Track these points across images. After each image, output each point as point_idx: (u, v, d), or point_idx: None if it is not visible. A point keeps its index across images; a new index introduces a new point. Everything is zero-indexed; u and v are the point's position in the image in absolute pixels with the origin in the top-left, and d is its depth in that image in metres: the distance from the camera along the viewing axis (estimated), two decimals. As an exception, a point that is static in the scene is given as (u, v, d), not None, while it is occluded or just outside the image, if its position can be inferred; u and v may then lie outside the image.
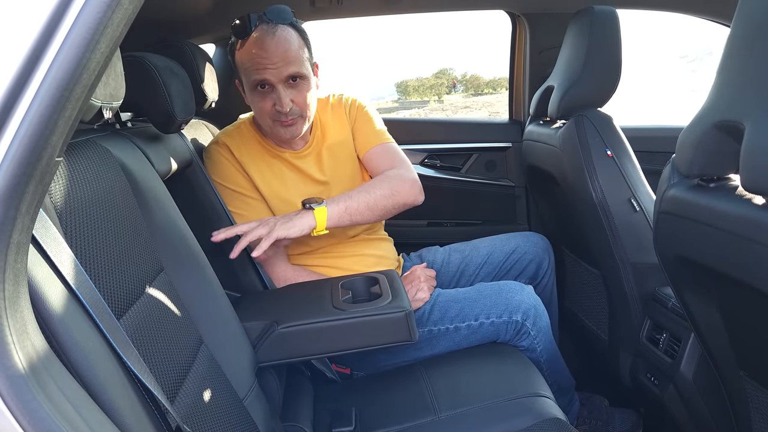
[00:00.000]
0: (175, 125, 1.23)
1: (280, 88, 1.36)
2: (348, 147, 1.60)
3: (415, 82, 48.87)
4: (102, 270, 0.80)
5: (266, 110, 1.40)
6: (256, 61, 1.34)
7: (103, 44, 0.57)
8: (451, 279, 1.75)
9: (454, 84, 44.34)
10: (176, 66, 1.30)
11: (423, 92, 45.28)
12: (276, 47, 1.34)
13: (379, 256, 1.61)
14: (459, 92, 42.49)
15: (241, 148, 1.48)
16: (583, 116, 1.55)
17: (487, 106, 28.40)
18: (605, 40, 1.56)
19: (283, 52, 1.34)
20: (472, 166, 2.27)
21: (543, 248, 1.77)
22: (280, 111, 1.38)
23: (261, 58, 1.33)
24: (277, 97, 1.37)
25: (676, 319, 1.37)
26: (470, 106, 30.11)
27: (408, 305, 1.22)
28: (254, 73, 1.36)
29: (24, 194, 0.54)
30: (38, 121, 0.54)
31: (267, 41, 1.34)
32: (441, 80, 46.86)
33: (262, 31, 1.35)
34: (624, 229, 1.49)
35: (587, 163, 1.51)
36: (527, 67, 2.16)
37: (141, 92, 1.16)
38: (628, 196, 1.49)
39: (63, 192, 0.77)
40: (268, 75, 1.35)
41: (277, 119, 1.41)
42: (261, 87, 1.38)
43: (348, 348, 1.24)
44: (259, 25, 1.35)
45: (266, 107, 1.39)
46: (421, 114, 30.07)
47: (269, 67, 1.34)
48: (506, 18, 2.20)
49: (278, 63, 1.34)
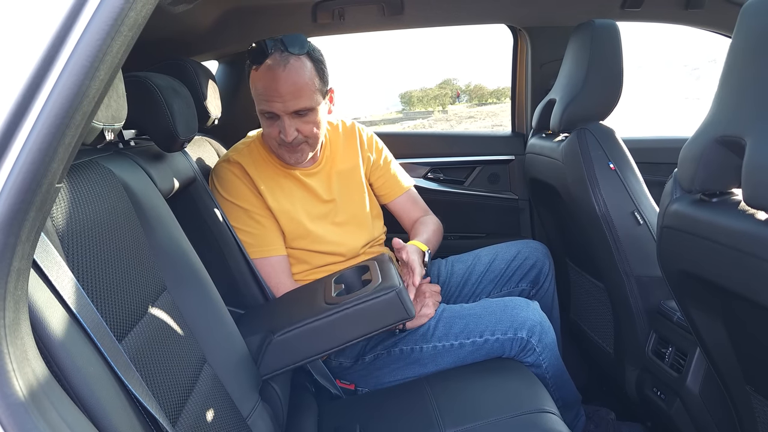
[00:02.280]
0: (178, 144, 1.23)
1: (285, 119, 1.39)
2: (357, 174, 1.65)
3: (419, 93, 49.37)
4: (104, 292, 0.80)
5: (273, 136, 1.44)
6: (266, 92, 1.37)
7: (102, 71, 0.57)
8: (455, 289, 1.75)
9: (458, 94, 44.69)
10: (179, 85, 1.30)
11: (427, 102, 45.41)
12: (286, 81, 1.36)
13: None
14: (463, 102, 42.41)
15: (252, 167, 1.50)
16: (585, 129, 1.55)
17: (491, 116, 28.55)
18: (606, 53, 1.56)
19: (292, 86, 1.36)
20: (475, 179, 2.27)
21: (543, 253, 1.77)
22: (284, 140, 1.42)
23: (270, 90, 1.36)
24: (282, 126, 1.40)
25: (681, 332, 1.36)
26: (474, 116, 30.27)
27: (398, 283, 1.20)
28: (263, 103, 1.39)
29: (24, 221, 0.55)
30: (38, 149, 0.54)
31: (278, 73, 1.35)
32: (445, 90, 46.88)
33: (275, 61, 1.36)
34: (628, 243, 1.49)
35: (590, 176, 1.51)
36: (529, 80, 2.17)
37: (143, 112, 1.17)
38: (631, 210, 1.48)
39: (65, 214, 0.78)
40: (275, 108, 1.38)
41: (283, 144, 1.45)
42: (268, 114, 1.41)
43: (348, 340, 1.22)
44: (274, 52, 1.36)
45: (273, 133, 1.43)
46: (425, 124, 30.03)
47: (277, 100, 1.37)
48: (508, 31, 2.21)
49: (286, 97, 1.36)
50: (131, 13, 0.58)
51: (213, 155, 1.68)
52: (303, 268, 1.54)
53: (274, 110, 1.38)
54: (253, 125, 2.13)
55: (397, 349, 1.45)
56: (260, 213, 1.48)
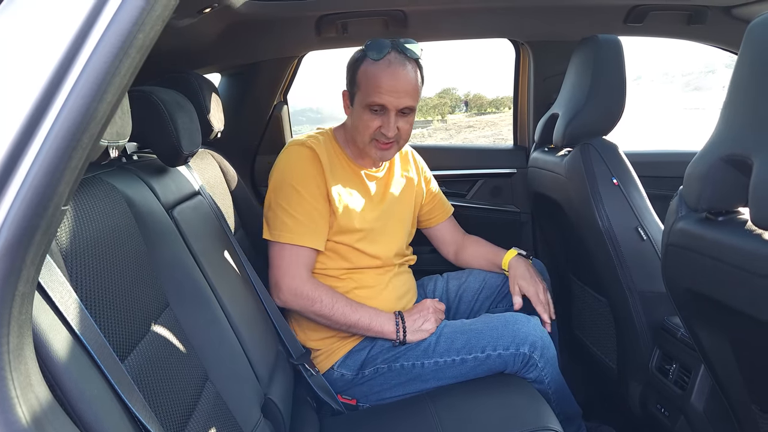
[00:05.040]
0: (181, 159, 1.23)
1: (392, 114, 1.45)
2: (410, 190, 1.73)
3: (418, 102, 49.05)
4: (107, 311, 0.80)
5: (371, 128, 1.47)
6: (382, 85, 1.42)
7: (110, 94, 0.57)
8: (450, 305, 1.75)
9: (466, 102, 44.87)
10: (183, 99, 1.30)
11: (426, 112, 45.41)
12: (404, 79, 1.43)
13: (401, 294, 1.62)
14: (462, 112, 42.68)
15: (326, 156, 1.51)
16: (588, 144, 1.55)
17: (490, 125, 28.50)
18: (609, 68, 1.56)
19: (407, 85, 1.44)
20: (477, 192, 2.26)
21: (538, 269, 1.76)
22: (385, 134, 1.46)
23: (387, 84, 1.41)
24: (386, 121, 1.45)
25: (685, 349, 1.35)
26: (473, 125, 30.21)
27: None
28: (375, 95, 1.42)
29: (30, 245, 0.54)
30: (45, 172, 0.54)
31: (398, 70, 1.43)
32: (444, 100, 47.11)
33: (396, 60, 1.44)
34: (631, 258, 1.48)
35: (593, 191, 1.50)
36: (531, 93, 2.17)
37: (148, 126, 1.17)
38: (635, 225, 1.48)
39: (69, 234, 0.77)
40: (387, 101, 1.43)
41: (377, 139, 1.48)
42: (374, 108, 1.44)
43: None
44: (392, 52, 1.44)
45: (372, 126, 1.46)
46: (424, 133, 30.08)
47: (392, 94, 1.42)
48: (509, 44, 2.21)
49: (400, 93, 1.43)
50: (140, 35, 0.58)
51: (215, 168, 1.68)
52: (340, 264, 1.54)
53: (385, 103, 1.42)
54: (255, 138, 2.15)
55: (398, 364, 1.45)
56: (316, 202, 1.48)
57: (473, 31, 2.03)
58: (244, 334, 1.26)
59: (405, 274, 1.68)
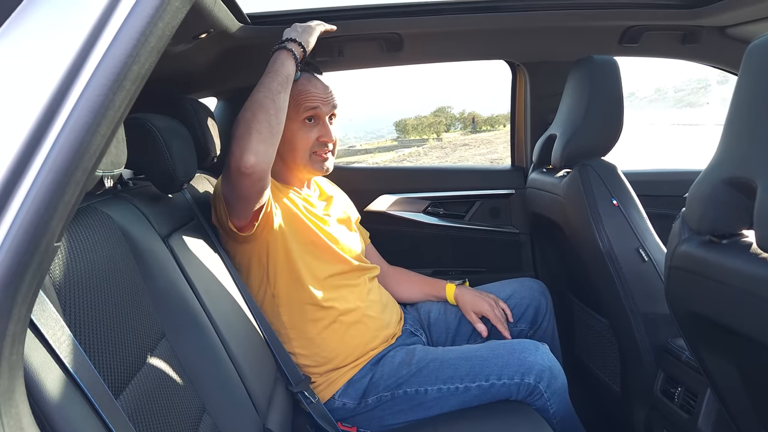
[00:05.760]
0: (177, 186, 1.22)
1: (326, 120, 1.54)
2: (341, 201, 1.78)
3: (413, 121, 49.82)
4: (102, 345, 0.78)
5: (310, 140, 1.52)
6: (311, 94, 1.52)
7: (104, 126, 0.56)
8: (449, 331, 1.73)
9: (474, 120, 45.50)
10: (178, 125, 1.29)
11: (422, 130, 45.82)
12: (324, 86, 1.56)
13: (384, 303, 1.63)
14: (458, 130, 42.88)
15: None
16: (587, 165, 1.54)
17: (485, 143, 28.81)
18: (606, 89, 1.56)
19: (329, 90, 1.56)
20: (475, 214, 2.25)
21: (539, 292, 1.77)
22: (326, 141, 1.53)
23: (314, 92, 1.52)
24: (324, 129, 1.53)
25: (691, 372, 1.33)
26: (469, 143, 30.55)
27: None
28: (307, 103, 1.51)
29: (21, 283, 0.52)
30: (36, 209, 0.52)
31: (317, 81, 1.55)
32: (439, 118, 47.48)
33: (309, 75, 1.55)
34: (633, 280, 1.47)
35: (593, 212, 1.49)
36: (528, 114, 2.17)
37: (143, 154, 1.15)
38: (636, 246, 1.47)
39: (62, 267, 0.75)
40: (320, 104, 1.52)
41: (317, 150, 1.54)
42: (309, 120, 1.52)
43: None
44: (303, 72, 1.54)
45: (311, 137, 1.53)
46: (420, 152, 30.13)
47: (321, 99, 1.52)
48: (505, 65, 2.22)
49: (328, 97, 1.54)
50: (135, 67, 0.57)
51: (211, 192, 1.66)
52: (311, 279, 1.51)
53: (319, 105, 1.51)
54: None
55: (401, 391, 1.42)
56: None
57: (469, 53, 2.03)
58: (242, 363, 1.23)
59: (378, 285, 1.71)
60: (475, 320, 1.68)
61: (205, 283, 1.26)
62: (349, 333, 1.51)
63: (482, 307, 1.68)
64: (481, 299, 1.70)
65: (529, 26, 1.85)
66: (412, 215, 2.23)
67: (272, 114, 1.31)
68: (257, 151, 1.26)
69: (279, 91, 1.34)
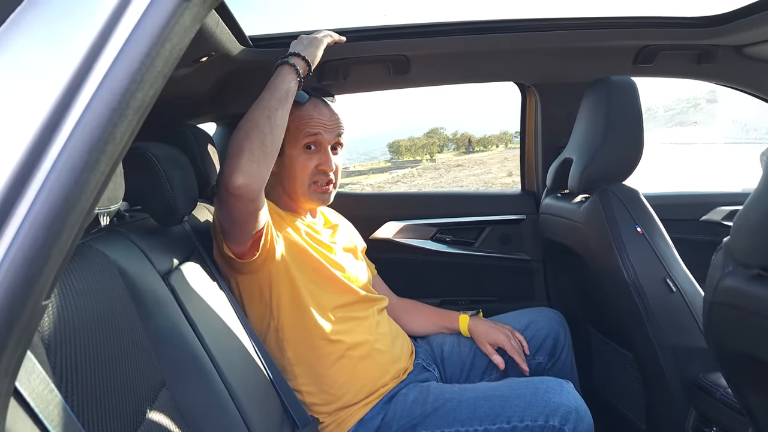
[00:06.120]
0: (177, 218, 1.14)
1: (328, 149, 1.46)
2: (347, 230, 1.72)
3: (407, 142, 50.09)
4: (96, 406, 0.69)
5: (309, 168, 1.46)
6: (314, 120, 1.45)
7: (103, 163, 0.48)
8: (464, 365, 1.64)
9: (470, 141, 46.37)
10: (178, 153, 1.22)
11: (415, 152, 46.16)
12: (331, 113, 1.49)
13: (394, 336, 1.55)
14: (451, 151, 43.49)
15: (273, 206, 1.47)
16: (607, 191, 1.48)
17: (479, 164, 28.93)
18: (625, 111, 1.50)
19: (336, 117, 1.49)
20: (485, 240, 2.18)
21: (557, 322, 1.69)
22: (325, 171, 1.45)
23: (318, 119, 1.45)
24: (324, 158, 1.46)
25: (728, 411, 1.25)
26: (462, 164, 30.69)
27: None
28: (308, 129, 1.44)
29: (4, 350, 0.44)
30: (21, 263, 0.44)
31: (324, 108, 1.48)
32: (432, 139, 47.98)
33: (319, 101, 1.49)
34: (661, 311, 1.39)
35: (616, 240, 1.42)
36: (539, 136, 2.10)
37: (141, 186, 1.08)
38: (663, 276, 1.39)
39: (53, 319, 0.67)
40: (322, 131, 1.45)
41: (316, 181, 1.47)
42: (308, 147, 1.45)
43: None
44: (312, 98, 1.48)
45: (310, 165, 1.46)
46: (414, 173, 30.24)
47: (324, 126, 1.45)
48: (508, 85, 2.16)
49: (332, 126, 1.47)
50: (138, 94, 0.49)
51: (211, 221, 1.58)
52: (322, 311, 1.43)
53: (320, 132, 1.45)
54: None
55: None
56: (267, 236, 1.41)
57: (478, 75, 1.97)
58: (247, 408, 1.14)
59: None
60: (490, 352, 1.60)
61: (208, 321, 1.17)
62: (359, 368, 1.43)
63: (498, 339, 1.60)
64: (496, 330, 1.62)
65: (540, 47, 1.80)
66: (419, 242, 2.15)
67: (266, 132, 1.23)
68: (247, 172, 1.18)
69: (276, 108, 1.26)
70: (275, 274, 1.38)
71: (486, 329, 1.63)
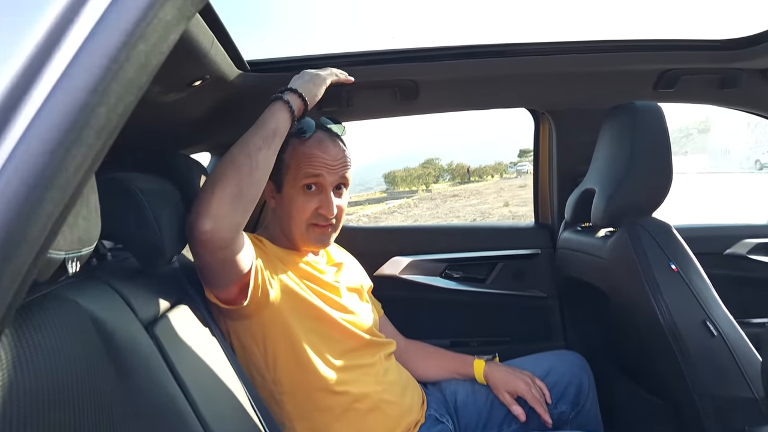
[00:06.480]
0: (165, 260, 1.01)
1: (329, 191, 1.35)
2: (353, 268, 1.61)
3: (402, 173, 50.40)
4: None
5: (307, 210, 1.34)
6: (316, 159, 1.34)
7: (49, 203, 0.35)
8: (480, 416, 1.51)
9: (468, 170, 47.44)
10: (167, 186, 1.09)
11: (411, 182, 46.61)
12: (336, 151, 1.36)
13: (403, 384, 1.43)
14: (446, 181, 43.90)
15: (270, 245, 1.36)
16: (636, 224, 1.36)
17: (475, 194, 28.98)
18: (652, 138, 1.40)
19: (340, 156, 1.37)
20: (497, 276, 2.05)
21: (580, 367, 1.57)
22: (325, 215, 1.34)
23: (321, 157, 1.34)
24: (324, 200, 1.34)
25: None
26: (458, 194, 30.78)
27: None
28: (309, 169, 1.33)
29: None
30: None
31: (329, 145, 1.36)
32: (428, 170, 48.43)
33: (324, 136, 1.37)
34: (700, 357, 1.26)
35: (648, 279, 1.30)
36: (554, 166, 1.99)
37: (124, 223, 0.95)
38: (702, 318, 1.26)
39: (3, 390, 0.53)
40: (323, 173, 1.34)
41: (315, 222, 1.35)
42: (308, 188, 1.34)
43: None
44: (318, 130, 1.38)
45: (309, 208, 1.35)
46: (410, 203, 30.28)
47: (327, 167, 1.34)
48: (504, 114, 2.07)
49: (336, 166, 1.35)
50: (101, 110, 0.37)
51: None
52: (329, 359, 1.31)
53: (322, 174, 1.33)
54: (251, 222, 1.94)
55: None
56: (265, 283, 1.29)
57: (489, 101, 1.87)
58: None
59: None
60: (509, 402, 1.47)
61: (198, 377, 1.03)
62: (367, 422, 1.30)
63: (518, 387, 1.47)
64: (515, 377, 1.49)
65: (556, 71, 1.70)
66: (427, 279, 2.02)
67: (244, 173, 1.09)
68: (215, 216, 1.04)
69: (259, 147, 1.12)
70: (270, 323, 1.25)
71: (504, 376, 1.50)
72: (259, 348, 1.26)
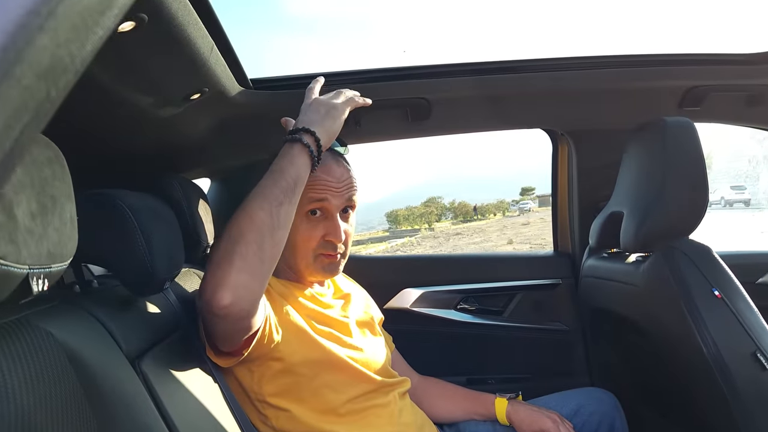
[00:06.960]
0: (156, 286, 0.90)
1: (336, 216, 1.22)
2: (362, 300, 1.48)
3: (404, 212, 50.55)
4: None
5: (314, 238, 1.22)
6: (320, 183, 1.20)
7: None
8: None
9: (475, 207, 48.23)
10: (160, 205, 0.99)
11: (413, 221, 46.76)
12: (341, 172, 1.24)
13: (419, 426, 1.30)
14: (449, 219, 44.40)
15: (272, 280, 1.22)
16: (673, 248, 1.25)
17: (478, 232, 28.92)
18: (686, 155, 1.30)
19: (346, 177, 1.24)
20: (516, 309, 1.93)
21: (611, 406, 1.45)
22: (333, 241, 1.21)
23: (325, 180, 1.21)
24: (331, 226, 1.21)
25: None
26: (461, 232, 30.73)
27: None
28: (314, 193, 1.20)
29: None
30: None
31: (333, 166, 1.23)
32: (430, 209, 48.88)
33: (327, 156, 1.23)
34: (751, 394, 1.14)
35: (689, 307, 1.18)
36: (575, 190, 1.89)
37: (109, 243, 0.84)
38: (752, 350, 1.15)
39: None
40: (329, 197, 1.21)
41: (323, 251, 1.23)
42: (313, 213, 1.21)
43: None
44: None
45: (316, 235, 1.22)
46: (413, 241, 30.32)
47: (332, 190, 1.21)
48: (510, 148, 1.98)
49: (341, 188, 1.22)
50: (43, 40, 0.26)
51: (201, 290, 1.33)
52: (326, 407, 1.18)
53: (327, 198, 1.21)
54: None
55: None
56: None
57: (505, 121, 1.78)
58: None
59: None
60: None
61: (190, 419, 0.91)
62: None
63: (544, 427, 1.35)
64: (541, 416, 1.37)
65: (575, 88, 1.61)
66: (441, 312, 1.90)
67: (266, 233, 0.96)
68: (236, 286, 0.90)
69: (281, 202, 0.99)
70: (271, 368, 1.14)
71: (529, 415, 1.38)
72: (259, 391, 1.14)
